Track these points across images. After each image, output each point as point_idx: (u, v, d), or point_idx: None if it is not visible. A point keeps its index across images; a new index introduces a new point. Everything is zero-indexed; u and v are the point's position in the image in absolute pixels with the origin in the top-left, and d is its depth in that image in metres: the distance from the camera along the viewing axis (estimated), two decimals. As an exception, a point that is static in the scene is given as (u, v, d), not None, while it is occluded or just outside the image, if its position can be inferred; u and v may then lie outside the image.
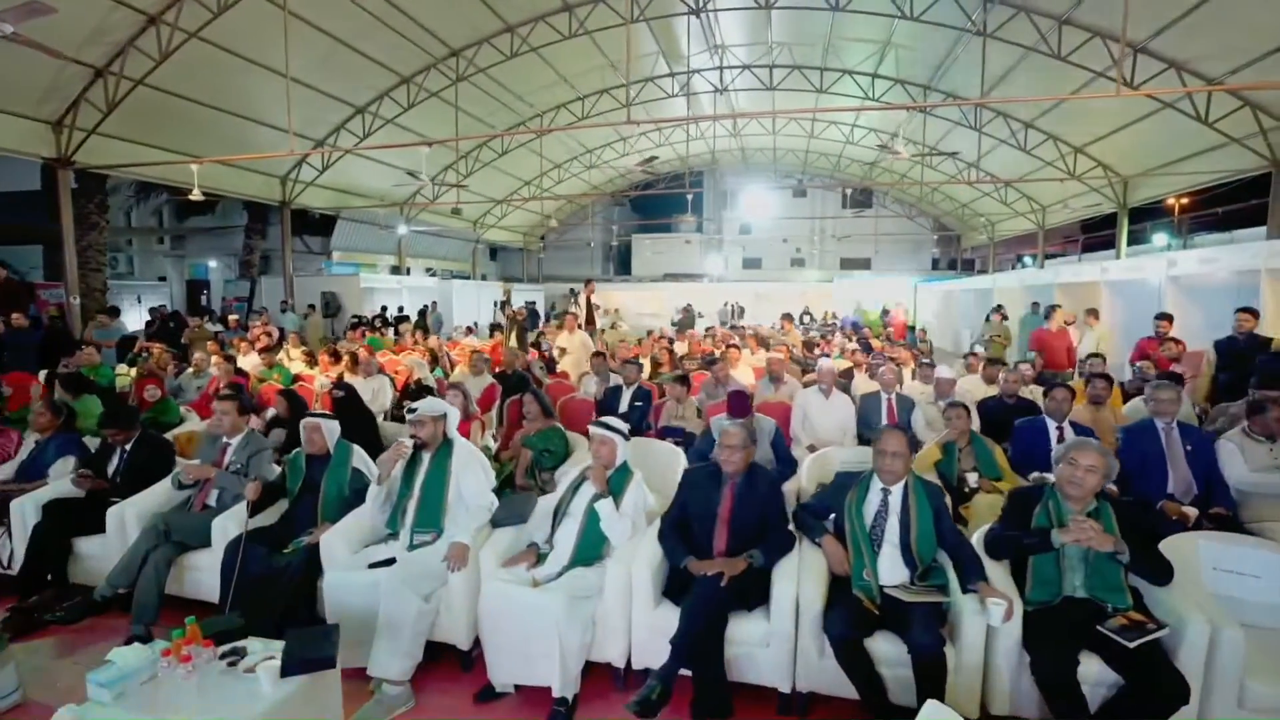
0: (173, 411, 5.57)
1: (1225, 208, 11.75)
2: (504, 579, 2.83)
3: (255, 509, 3.30)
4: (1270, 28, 8.58)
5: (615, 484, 3.04)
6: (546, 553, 3.02)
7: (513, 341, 9.86)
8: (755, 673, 2.68)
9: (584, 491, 3.10)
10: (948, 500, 3.04)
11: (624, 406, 5.50)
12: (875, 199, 25.81)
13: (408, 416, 3.21)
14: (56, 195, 9.84)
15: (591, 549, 2.97)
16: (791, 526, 2.98)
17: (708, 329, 12.94)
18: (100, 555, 3.56)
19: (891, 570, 2.69)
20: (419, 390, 6.19)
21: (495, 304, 18.37)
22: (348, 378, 7.32)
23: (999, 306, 9.73)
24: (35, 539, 3.49)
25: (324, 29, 10.48)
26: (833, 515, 2.96)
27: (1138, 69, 10.18)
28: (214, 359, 6.70)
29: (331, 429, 3.50)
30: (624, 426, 3.14)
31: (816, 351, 8.56)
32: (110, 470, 3.86)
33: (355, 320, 12.61)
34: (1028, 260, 20.15)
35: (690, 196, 27.36)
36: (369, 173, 15.39)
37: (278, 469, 3.80)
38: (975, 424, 4.46)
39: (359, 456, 3.53)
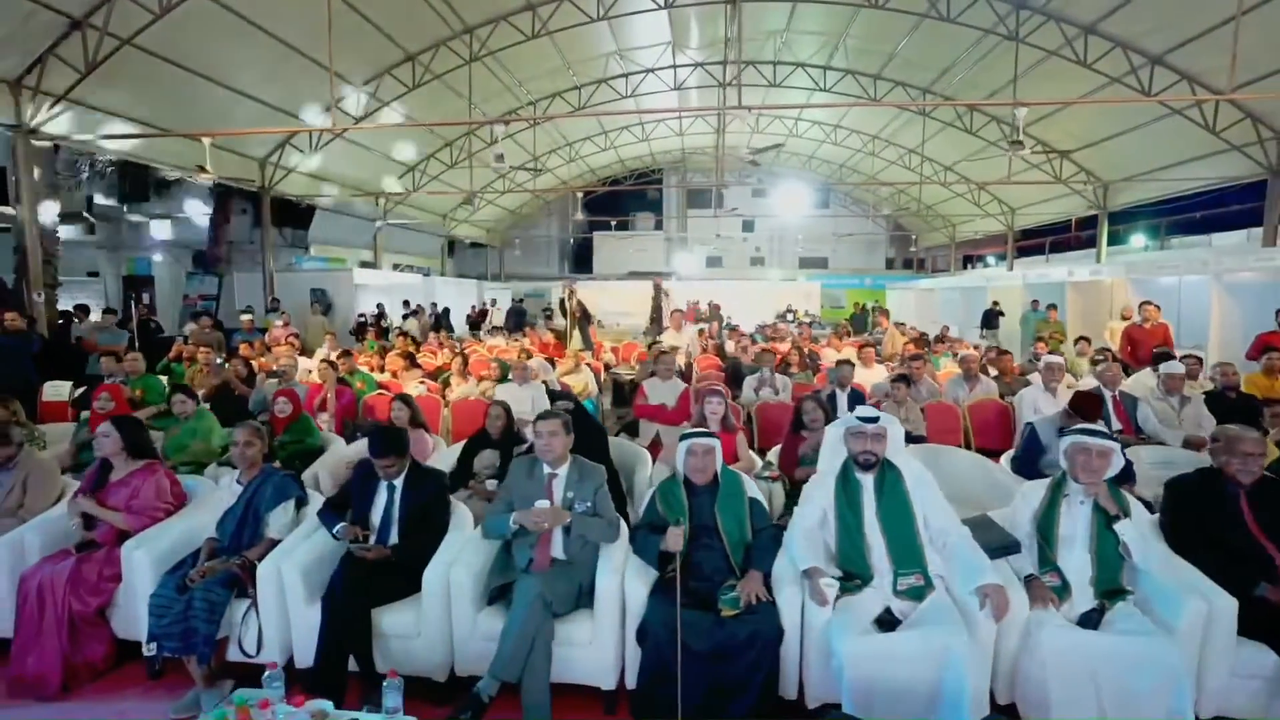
0: (314, 431, 4.52)
1: (1205, 212, 12.87)
2: (1059, 624, 2.33)
3: (666, 563, 2.57)
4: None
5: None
6: (1056, 586, 2.54)
7: (576, 339, 9.06)
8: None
9: (1074, 512, 2.64)
10: None
11: (842, 411, 5.03)
12: (833, 199, 26.56)
13: (866, 429, 2.61)
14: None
15: (1114, 580, 2.53)
16: None
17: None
18: (412, 634, 2.68)
19: None
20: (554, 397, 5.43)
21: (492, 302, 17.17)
22: (455, 383, 6.42)
23: (1052, 305, 10.03)
24: (337, 616, 2.57)
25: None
26: None
27: (1155, 79, 10.88)
28: (312, 363, 5.58)
29: (718, 451, 2.81)
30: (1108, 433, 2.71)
31: (942, 347, 8.45)
32: (377, 516, 2.96)
33: (361, 320, 11.28)
34: (990, 260, 21.33)
35: (667, 193, 27.25)
36: (353, 160, 13.86)
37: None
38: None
39: (751, 484, 2.87)
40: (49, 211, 8.45)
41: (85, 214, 13.46)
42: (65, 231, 15.44)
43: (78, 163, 12.73)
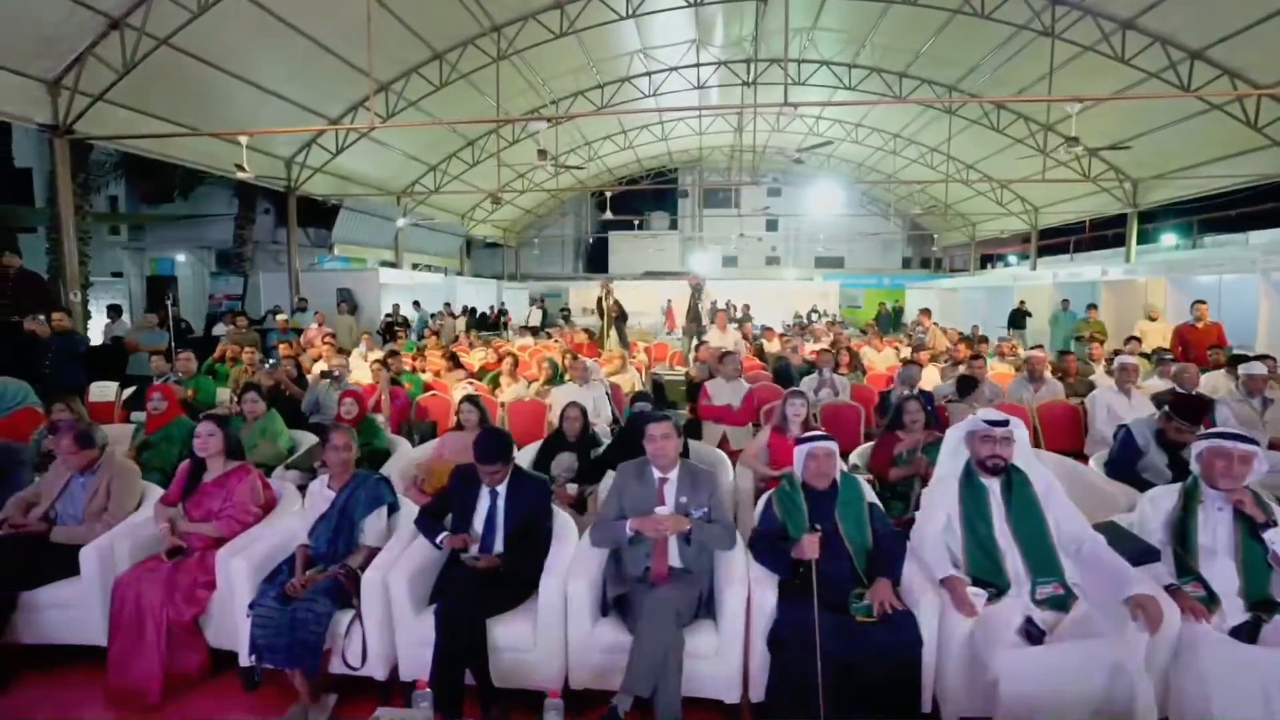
0: (380, 433, 4.43)
1: (1241, 210, 12.70)
2: (1220, 639, 2.23)
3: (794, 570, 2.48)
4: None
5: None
6: (1201, 597, 2.44)
7: (613, 339, 8.97)
8: None
9: (1213, 519, 2.53)
10: None
11: (912, 412, 4.92)
12: (849, 198, 26.38)
13: (995, 432, 2.51)
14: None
15: (1263, 591, 2.42)
16: None
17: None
18: (527, 647, 2.59)
19: None
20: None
21: (531, 301, 17.11)
22: (505, 384, 6.33)
23: (1093, 305, 9.90)
24: (454, 629, 2.47)
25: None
26: None
27: (1194, 74, 10.72)
28: (362, 365, 5.51)
29: (837, 454, 2.72)
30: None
31: (985, 347, 8.33)
32: (479, 524, 2.86)
33: (389, 319, 11.22)
34: (1011, 260, 21.16)
35: (685, 193, 27.14)
36: (377, 159, 13.81)
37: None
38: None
39: (869, 489, 2.78)
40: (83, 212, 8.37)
41: (110, 214, 13.42)
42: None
43: (105, 162, 12.72)
